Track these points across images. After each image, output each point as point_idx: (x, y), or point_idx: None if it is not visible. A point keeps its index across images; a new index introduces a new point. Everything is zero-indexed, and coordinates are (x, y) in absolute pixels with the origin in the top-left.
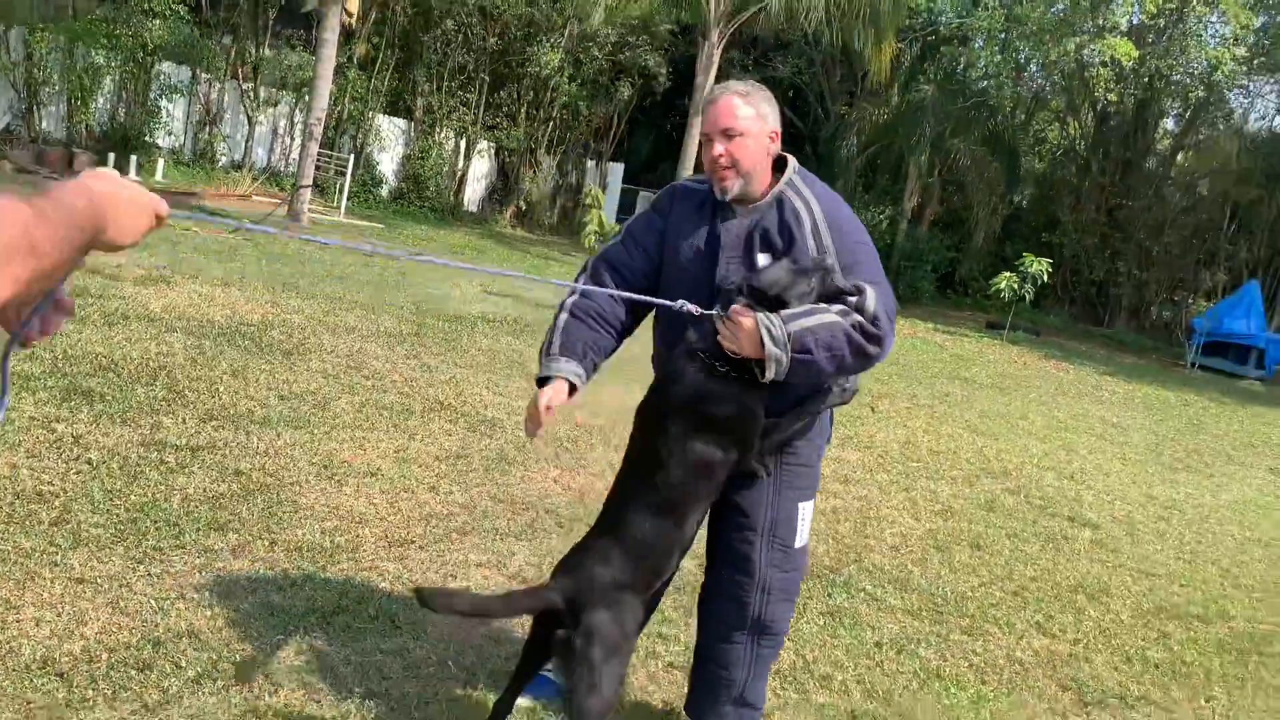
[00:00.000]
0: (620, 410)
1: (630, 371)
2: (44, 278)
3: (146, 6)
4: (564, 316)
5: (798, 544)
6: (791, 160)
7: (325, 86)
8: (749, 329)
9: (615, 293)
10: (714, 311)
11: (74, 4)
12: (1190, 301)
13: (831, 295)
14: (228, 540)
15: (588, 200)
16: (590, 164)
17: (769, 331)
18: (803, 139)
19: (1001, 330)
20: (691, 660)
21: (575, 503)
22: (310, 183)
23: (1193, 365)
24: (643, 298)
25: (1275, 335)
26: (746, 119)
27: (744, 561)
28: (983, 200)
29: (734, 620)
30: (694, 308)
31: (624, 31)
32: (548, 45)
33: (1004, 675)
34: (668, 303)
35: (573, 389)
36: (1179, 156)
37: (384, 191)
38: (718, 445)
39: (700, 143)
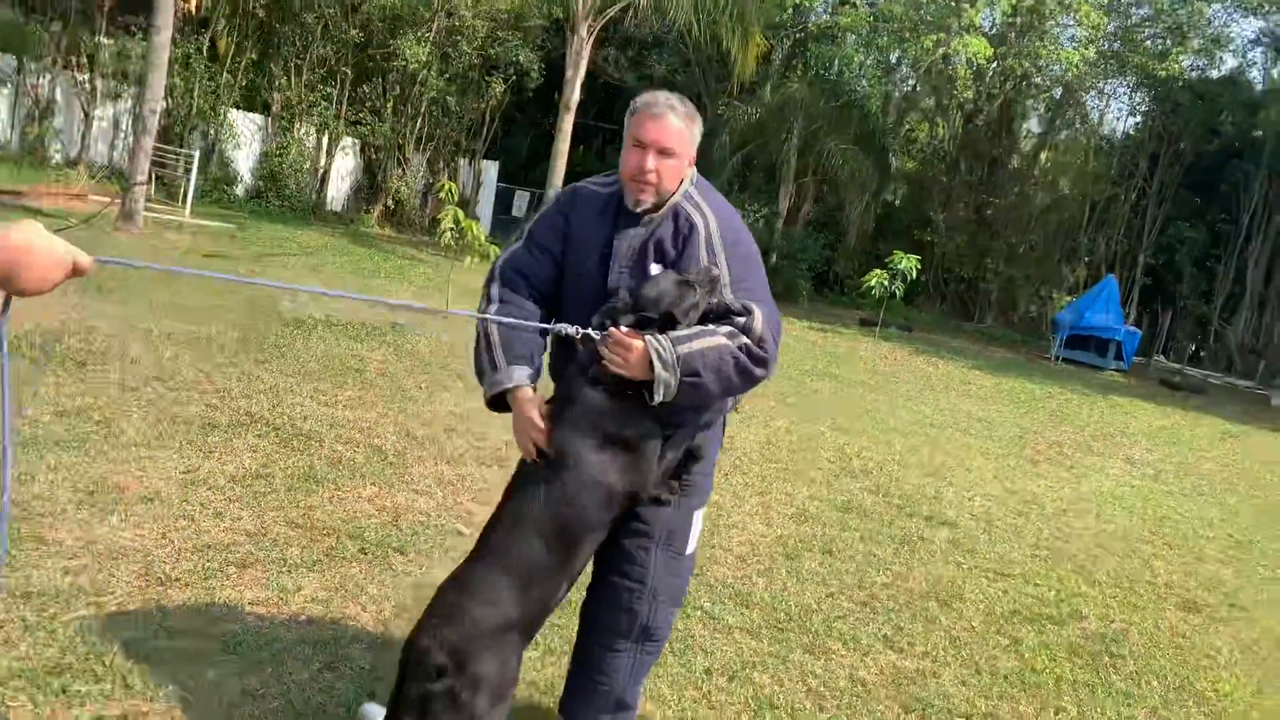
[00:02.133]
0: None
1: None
2: None
3: None
4: (493, 329)
5: (688, 550)
6: (690, 170)
7: (160, 76)
8: (638, 352)
9: (503, 320)
10: (594, 333)
11: None
12: (1055, 296)
13: (720, 313)
14: None
15: (442, 194)
16: (463, 162)
17: (658, 354)
18: None
19: (875, 327)
20: (571, 655)
21: (388, 525)
22: (145, 180)
23: (1057, 359)
24: (522, 323)
25: (1131, 328)
26: (684, 143)
27: (637, 568)
28: (855, 199)
29: (621, 628)
30: (573, 330)
31: (494, 25)
32: (414, 38)
33: (844, 699)
34: (546, 326)
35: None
36: (1041, 156)
37: (239, 190)
38: (617, 468)
39: (630, 146)
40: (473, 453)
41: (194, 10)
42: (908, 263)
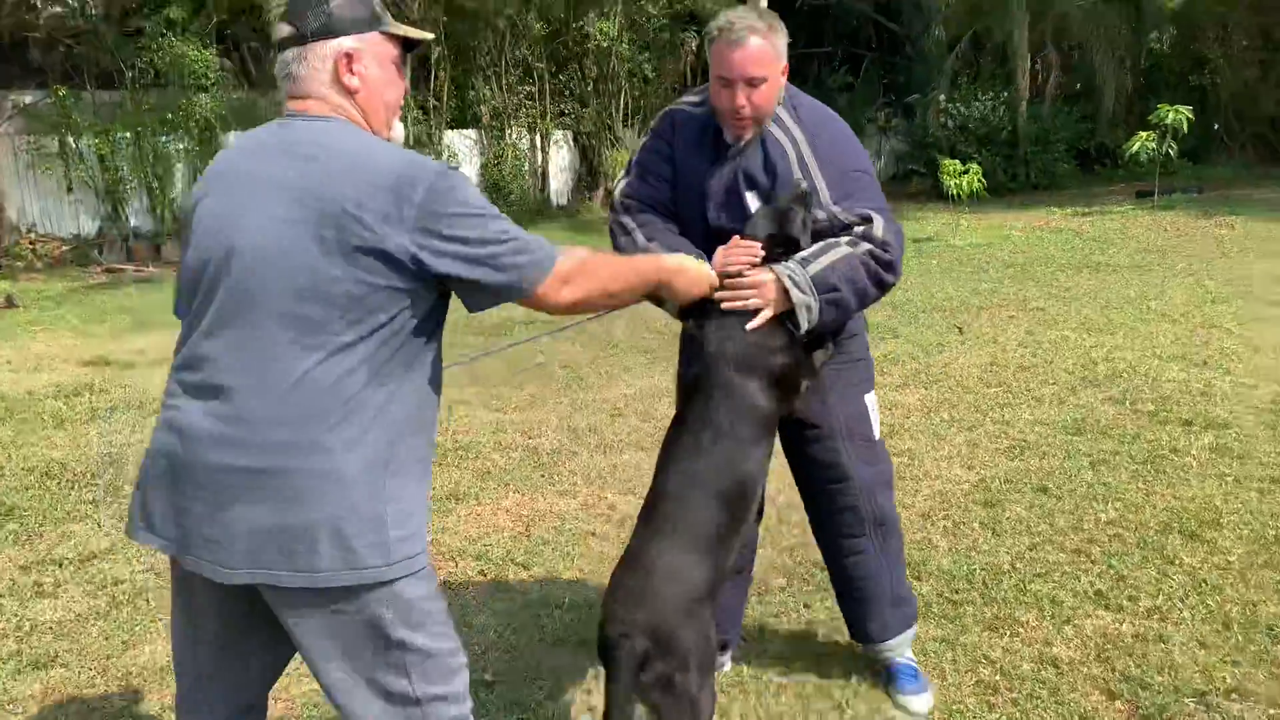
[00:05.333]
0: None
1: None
2: (605, 298)
3: (189, 82)
4: (633, 231)
5: (876, 435)
6: (781, 84)
7: None
8: (770, 284)
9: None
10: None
11: (126, 100)
12: None
13: (835, 230)
14: (49, 678)
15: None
16: None
17: (791, 279)
18: (901, 41)
19: (1152, 197)
20: (835, 595)
21: (519, 537)
22: None
23: None
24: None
25: None
26: (770, 63)
27: (834, 469)
28: (1108, 57)
29: (855, 529)
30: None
31: None
32: (599, 15)
33: (1024, 688)
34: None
35: None
36: None
37: None
38: (775, 400)
39: (715, 83)
40: (633, 438)
41: None
42: (1175, 115)
